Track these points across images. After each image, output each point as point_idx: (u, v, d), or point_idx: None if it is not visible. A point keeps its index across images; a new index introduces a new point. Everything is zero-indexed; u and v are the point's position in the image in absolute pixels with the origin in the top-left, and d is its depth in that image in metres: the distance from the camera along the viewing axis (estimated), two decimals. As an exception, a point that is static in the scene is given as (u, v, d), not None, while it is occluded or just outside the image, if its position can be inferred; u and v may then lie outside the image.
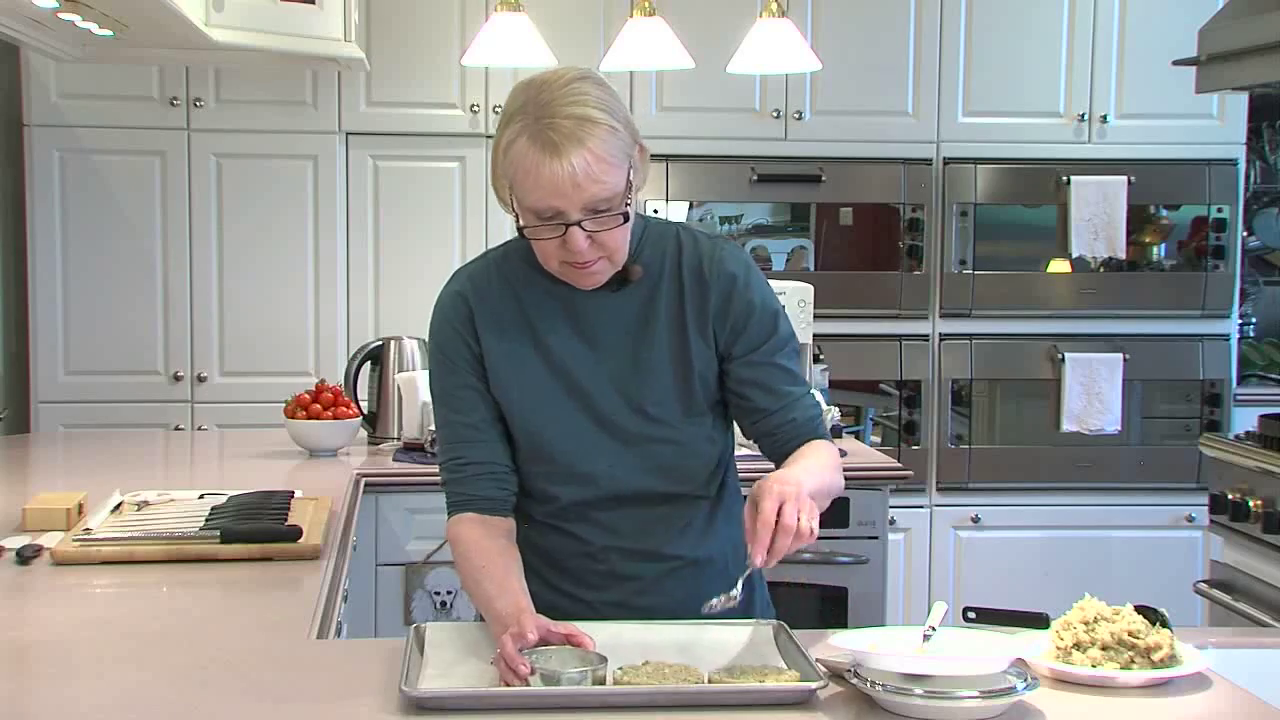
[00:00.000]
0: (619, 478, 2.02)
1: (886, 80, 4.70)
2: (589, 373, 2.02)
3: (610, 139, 1.86)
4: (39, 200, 4.50)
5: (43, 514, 2.60)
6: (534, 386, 2.02)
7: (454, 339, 2.04)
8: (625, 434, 2.02)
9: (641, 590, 2.03)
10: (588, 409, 2.02)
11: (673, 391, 2.02)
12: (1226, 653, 1.92)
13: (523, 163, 1.85)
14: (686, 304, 2.02)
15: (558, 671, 1.69)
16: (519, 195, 1.89)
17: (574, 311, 2.02)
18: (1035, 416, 4.82)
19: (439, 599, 3.42)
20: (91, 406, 4.53)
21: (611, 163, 1.87)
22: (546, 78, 1.91)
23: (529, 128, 1.85)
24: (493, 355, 2.03)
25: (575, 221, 1.87)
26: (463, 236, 4.69)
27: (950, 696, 1.61)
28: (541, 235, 1.90)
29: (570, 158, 1.83)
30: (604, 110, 1.87)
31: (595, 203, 1.87)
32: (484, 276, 2.07)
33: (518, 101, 1.90)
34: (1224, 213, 4.78)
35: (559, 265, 1.94)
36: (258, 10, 3.61)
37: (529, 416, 2.03)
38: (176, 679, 1.80)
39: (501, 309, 2.04)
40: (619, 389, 2.02)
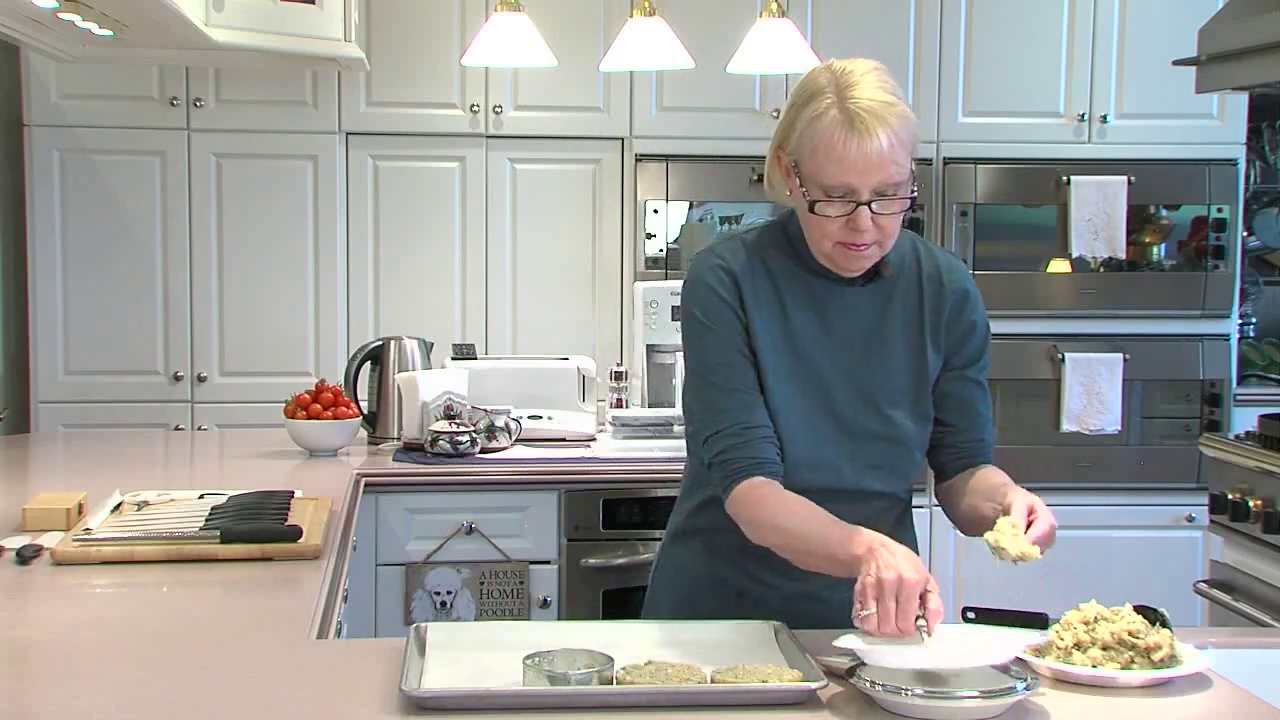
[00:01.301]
0: (841, 472, 2.06)
1: (890, 79, 4.70)
2: (827, 364, 2.06)
3: (907, 124, 1.94)
4: (39, 200, 4.50)
5: (43, 514, 2.60)
6: (778, 369, 2.05)
7: (723, 309, 2.06)
8: (854, 427, 2.06)
9: (831, 584, 2.01)
10: (822, 398, 2.06)
11: (905, 392, 2.09)
12: (1226, 653, 1.92)
13: (828, 138, 1.91)
14: (925, 310, 2.10)
15: (564, 671, 1.69)
16: (814, 170, 1.94)
17: (820, 301, 2.07)
18: (1035, 416, 4.81)
19: (439, 599, 3.42)
20: (91, 406, 4.53)
21: (906, 147, 1.94)
22: (846, 64, 1.98)
23: (836, 104, 1.92)
24: (754, 330, 2.06)
25: (865, 201, 1.93)
26: (463, 236, 4.69)
27: (950, 696, 1.62)
28: (830, 213, 1.95)
29: (877, 137, 1.90)
30: (899, 97, 1.95)
31: (887, 185, 1.93)
32: (744, 254, 2.10)
33: (819, 81, 1.96)
34: (1224, 213, 4.78)
35: (832, 246, 1.99)
36: (258, 10, 3.61)
37: (773, 396, 2.05)
38: (176, 679, 1.80)
39: (761, 288, 2.07)
40: (854, 382, 2.07)
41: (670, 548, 2.24)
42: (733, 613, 2.02)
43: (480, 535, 3.45)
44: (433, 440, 3.53)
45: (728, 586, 2.11)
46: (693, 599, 2.14)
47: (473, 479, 3.46)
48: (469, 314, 4.71)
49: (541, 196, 4.72)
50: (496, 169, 4.69)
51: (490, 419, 3.60)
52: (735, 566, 2.09)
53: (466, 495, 3.46)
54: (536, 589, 3.46)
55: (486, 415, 3.61)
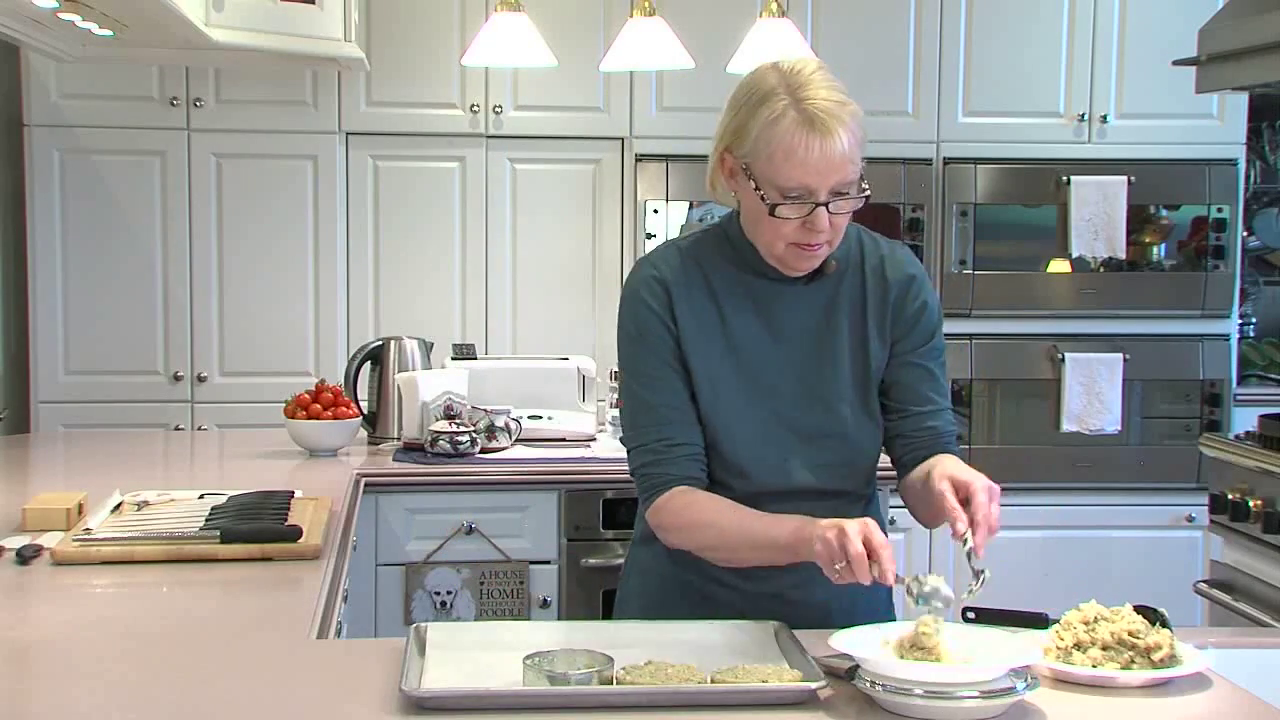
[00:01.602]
0: (791, 472, 2.05)
1: (886, 80, 4.70)
2: (772, 364, 2.05)
3: (860, 122, 1.95)
4: (39, 200, 4.50)
5: (43, 514, 2.60)
6: (717, 374, 2.05)
7: (653, 320, 2.06)
8: (802, 426, 2.05)
9: (797, 584, 2.03)
10: (767, 401, 2.05)
11: (852, 388, 2.07)
12: (1226, 653, 1.92)
13: (788, 140, 1.91)
14: (869, 302, 2.08)
15: (564, 672, 1.69)
16: (770, 173, 1.93)
17: (762, 302, 2.06)
18: (1035, 416, 4.81)
19: (439, 599, 3.42)
20: (91, 406, 4.53)
21: (860, 146, 1.95)
22: (792, 64, 1.98)
23: (793, 106, 1.91)
24: (686, 341, 2.05)
25: (823, 202, 1.93)
26: (463, 236, 4.69)
27: (950, 696, 1.61)
28: (788, 215, 1.94)
29: (839, 136, 1.90)
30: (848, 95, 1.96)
31: (844, 184, 1.94)
32: (676, 262, 2.09)
33: (769, 82, 1.95)
34: (1224, 213, 4.78)
35: (785, 248, 1.98)
36: (258, 10, 3.61)
37: (710, 403, 2.05)
38: (176, 679, 1.80)
39: (694, 295, 2.06)
40: (801, 381, 2.06)
41: (636, 550, 2.23)
42: (699, 614, 2.02)
43: (480, 535, 3.45)
44: (433, 440, 3.53)
45: (692, 589, 2.10)
46: (660, 601, 2.13)
47: (473, 479, 3.46)
48: (469, 314, 4.71)
49: (541, 196, 4.72)
50: (496, 169, 4.69)
51: (490, 419, 3.60)
52: (697, 569, 2.08)
53: (466, 495, 3.46)
54: (536, 589, 3.46)
55: (486, 415, 3.61)
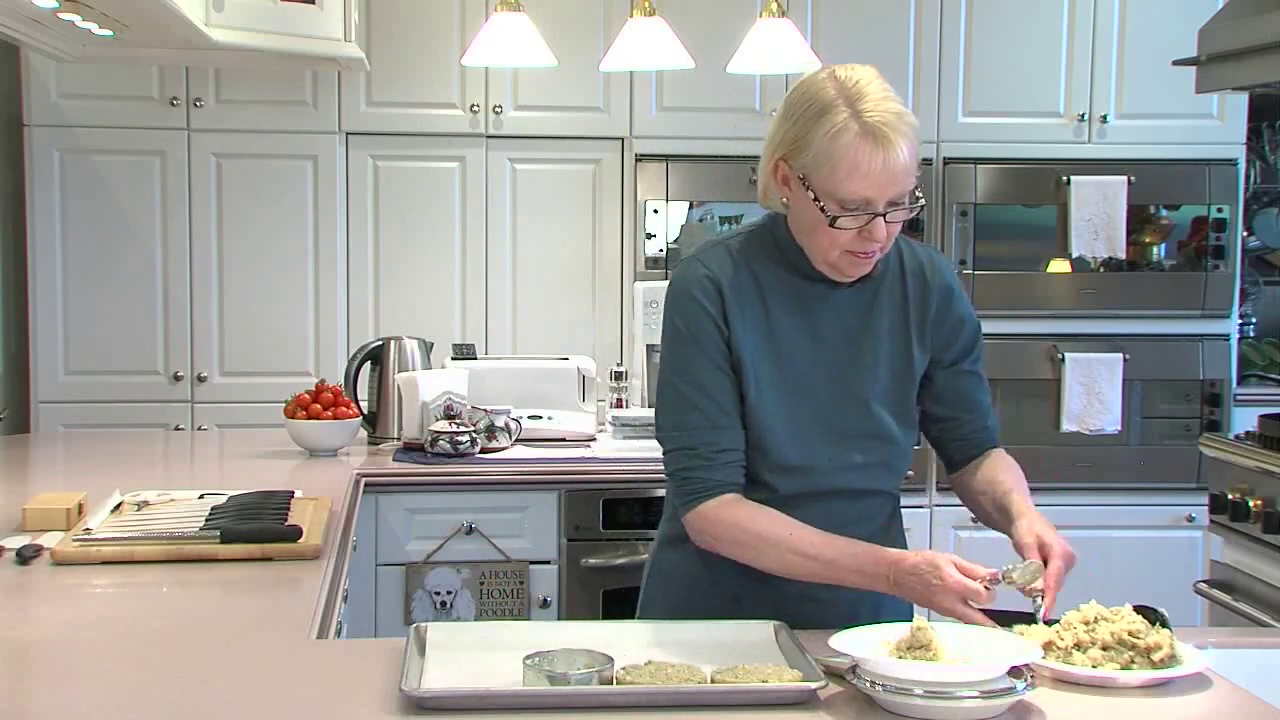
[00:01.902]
0: (829, 472, 2.07)
1: (886, 80, 4.69)
2: (813, 365, 2.07)
3: (915, 132, 1.95)
4: (39, 200, 4.50)
5: (43, 514, 2.60)
6: (763, 375, 2.06)
7: (705, 321, 2.06)
8: (840, 428, 2.07)
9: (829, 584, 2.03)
10: (808, 401, 2.06)
11: (891, 389, 2.09)
12: (1226, 653, 1.92)
13: (852, 154, 1.91)
14: (910, 307, 2.10)
15: (564, 672, 1.69)
16: (831, 186, 1.94)
17: (806, 304, 2.07)
18: (1035, 416, 4.81)
19: (439, 599, 3.42)
20: (91, 406, 4.53)
21: (916, 155, 1.95)
22: (849, 72, 1.99)
23: (854, 118, 1.92)
24: (737, 342, 2.05)
25: (881, 212, 1.94)
26: (463, 236, 4.69)
27: (950, 696, 1.61)
28: (847, 225, 1.95)
29: (900, 148, 1.91)
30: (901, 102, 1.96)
31: (900, 195, 1.95)
32: (730, 262, 2.10)
33: (829, 93, 1.96)
34: (1224, 213, 4.78)
35: (840, 255, 2.00)
36: (258, 10, 3.61)
37: (757, 404, 2.06)
38: (176, 679, 1.80)
39: (744, 295, 2.07)
40: (840, 382, 2.07)
41: (662, 551, 2.23)
42: (729, 614, 2.02)
43: (480, 535, 3.45)
44: (433, 440, 3.53)
45: (723, 589, 2.10)
46: (688, 602, 2.13)
47: (473, 479, 3.46)
48: (469, 314, 4.71)
49: (541, 196, 4.72)
50: (496, 169, 4.69)
51: (490, 419, 3.60)
52: (731, 568, 2.08)
53: (466, 495, 3.46)
54: (536, 589, 3.46)
55: (486, 415, 3.61)
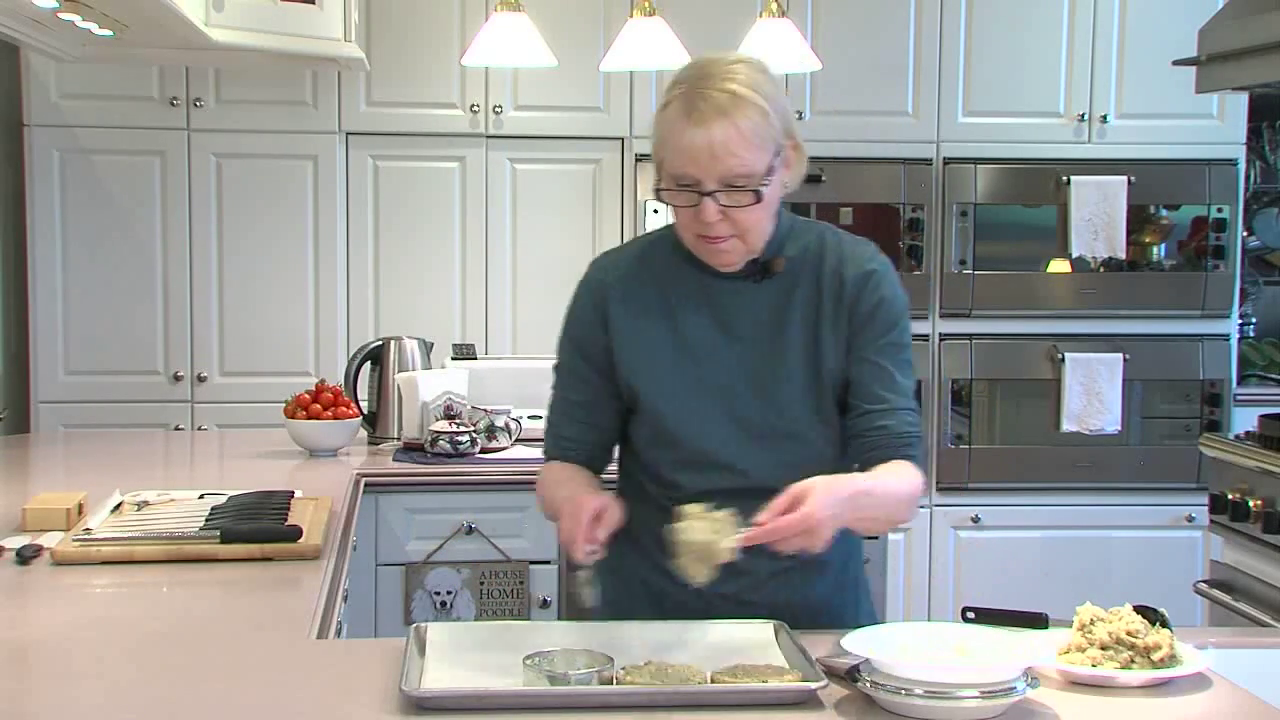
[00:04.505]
0: (744, 470, 2.05)
1: (886, 80, 4.71)
2: (723, 363, 2.05)
3: (758, 119, 1.92)
4: (39, 200, 4.50)
5: (43, 514, 2.60)
6: (667, 374, 2.06)
7: (582, 324, 2.13)
8: (754, 427, 2.05)
9: (755, 585, 2.02)
10: (719, 399, 2.05)
11: (804, 386, 2.05)
12: (1226, 653, 1.92)
13: (669, 128, 1.94)
14: (824, 302, 2.06)
15: (564, 672, 1.69)
16: (662, 158, 1.98)
17: (714, 301, 2.06)
18: (1035, 416, 4.81)
19: (439, 599, 3.42)
20: (91, 406, 4.53)
21: (754, 142, 1.92)
22: (715, 56, 2.00)
23: (683, 95, 1.94)
24: (626, 343, 2.07)
25: (709, 191, 1.93)
26: (463, 236, 4.69)
27: (950, 696, 1.61)
28: (677, 201, 1.98)
29: (713, 127, 1.90)
30: (758, 93, 1.94)
31: (731, 177, 1.93)
32: (627, 264, 2.13)
33: (682, 73, 1.99)
34: (1224, 213, 4.78)
35: (693, 238, 2.01)
36: (258, 10, 3.61)
37: (659, 402, 2.06)
38: (176, 679, 1.80)
39: (642, 296, 2.09)
40: (752, 381, 2.05)
41: None
42: (658, 615, 2.01)
43: (480, 535, 3.45)
44: (433, 440, 3.53)
45: (649, 588, 2.10)
46: (620, 600, 2.13)
47: (473, 479, 3.46)
48: (469, 314, 4.71)
49: (541, 196, 4.72)
50: (496, 169, 4.69)
51: (490, 419, 3.60)
52: (655, 568, 2.05)
53: (466, 495, 3.46)
54: (536, 589, 3.46)
55: (486, 415, 3.61)
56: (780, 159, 1.97)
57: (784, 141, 1.97)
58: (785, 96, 2.02)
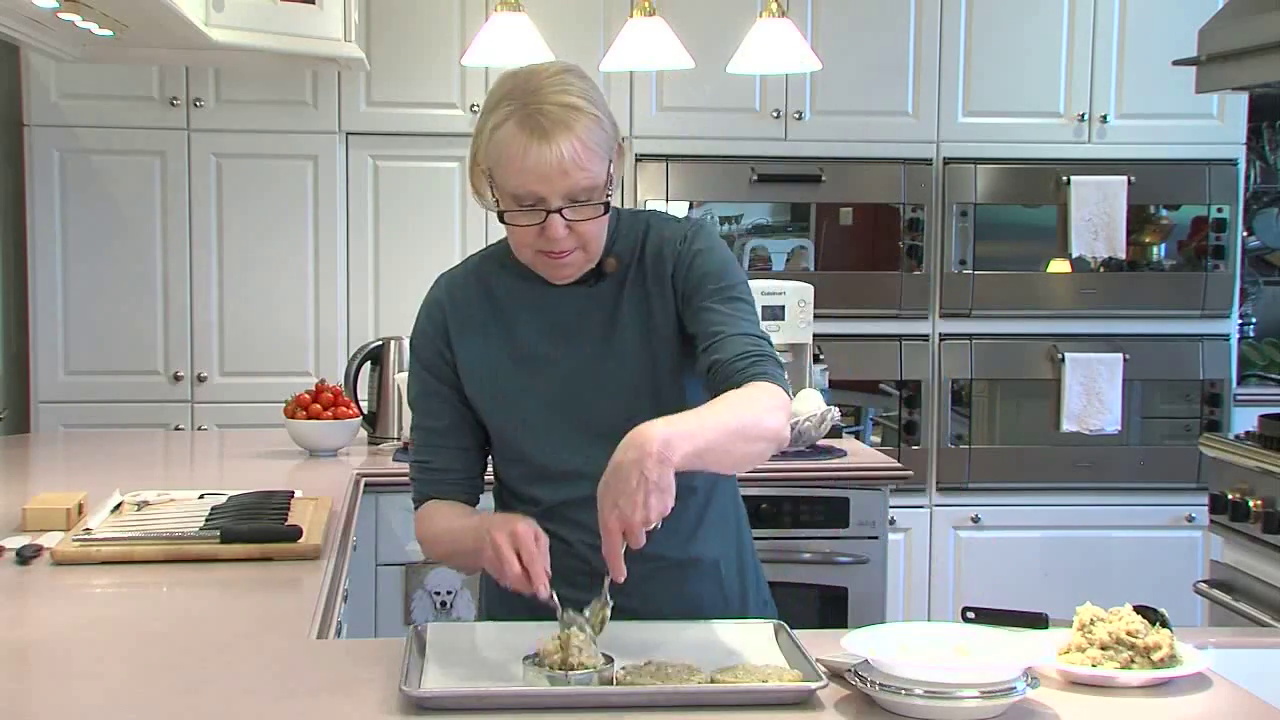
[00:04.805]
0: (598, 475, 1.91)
1: (886, 80, 4.71)
2: (564, 368, 2.02)
3: (595, 129, 1.88)
4: (39, 200, 4.50)
5: (43, 514, 2.60)
6: (508, 387, 2.03)
7: (427, 346, 2.08)
8: (601, 427, 1.95)
9: (627, 591, 1.87)
10: (565, 407, 2.01)
11: (648, 378, 2.01)
12: (1226, 653, 1.91)
13: (509, 147, 1.87)
14: (649, 286, 2.01)
15: (564, 672, 1.69)
16: (501, 180, 1.90)
17: (550, 309, 2.03)
18: (1035, 416, 4.82)
19: (439, 599, 3.42)
20: (91, 406, 4.53)
21: (596, 152, 1.88)
22: (533, 68, 1.94)
23: (517, 113, 1.86)
24: (466, 360, 2.04)
25: (556, 209, 1.88)
26: (463, 236, 4.69)
27: (950, 696, 1.61)
28: (520, 222, 1.91)
29: (559, 143, 1.85)
30: (589, 101, 1.89)
31: (577, 191, 1.88)
32: (462, 280, 2.09)
33: (504, 88, 1.91)
34: (1224, 213, 4.78)
35: (533, 255, 1.95)
36: (258, 10, 3.61)
37: (503, 418, 2.04)
38: (176, 679, 1.80)
39: (476, 312, 2.05)
40: (594, 381, 2.01)
41: None
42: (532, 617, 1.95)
43: (480, 535, 3.44)
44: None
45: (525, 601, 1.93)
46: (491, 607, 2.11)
47: (473, 479, 3.46)
48: (469, 314, 4.71)
49: (541, 196, 4.71)
50: (496, 169, 4.68)
51: (490, 419, 3.60)
52: None
53: (466, 495, 3.45)
54: (536, 589, 3.46)
55: (486, 415, 3.61)
56: (612, 164, 1.93)
57: (613, 145, 1.93)
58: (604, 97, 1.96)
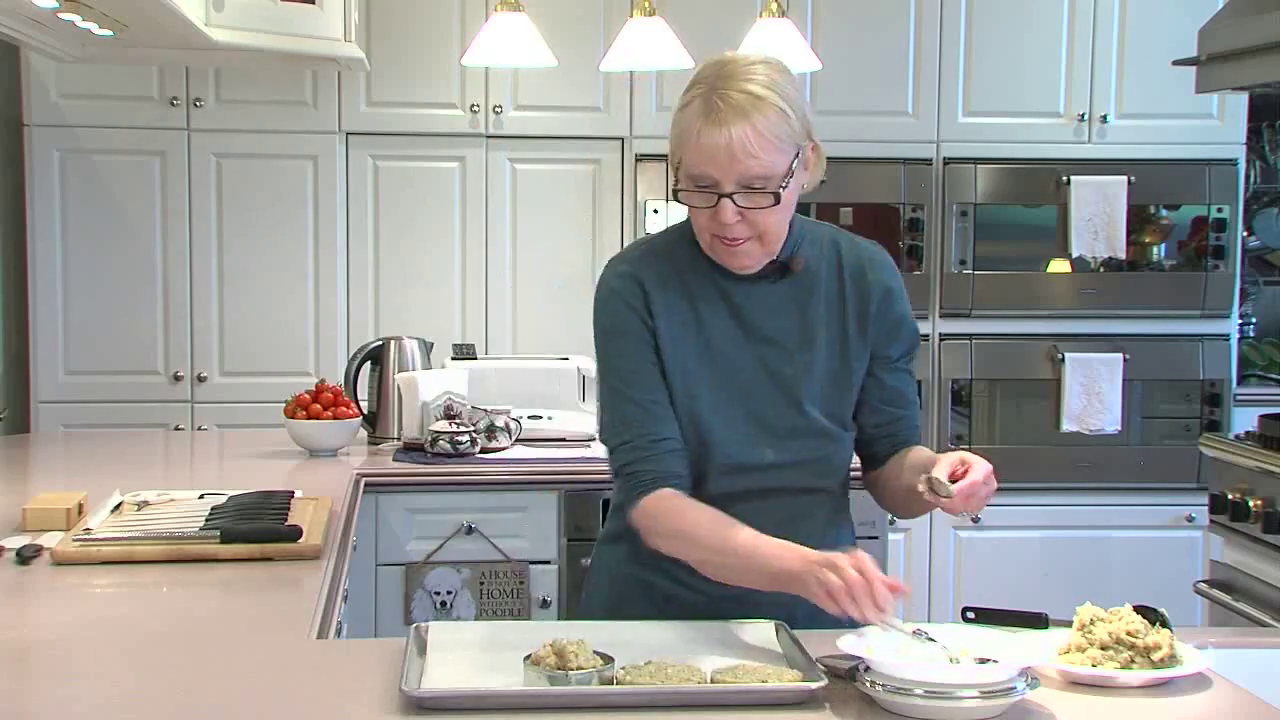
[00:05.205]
0: (764, 471, 2.04)
1: (886, 80, 4.71)
2: (746, 363, 2.05)
3: (778, 120, 1.92)
4: (39, 200, 4.50)
5: (43, 514, 2.60)
6: (694, 372, 2.05)
7: (631, 318, 2.05)
8: (776, 427, 2.04)
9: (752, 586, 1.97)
10: (741, 399, 2.05)
11: (827, 387, 2.06)
12: (1226, 653, 1.91)
13: (688, 127, 1.93)
14: (849, 304, 2.08)
15: (565, 672, 1.69)
16: (681, 159, 1.96)
17: (734, 301, 2.06)
18: (1035, 416, 4.82)
19: (439, 599, 3.42)
20: (91, 406, 4.53)
21: (774, 143, 1.92)
22: (735, 56, 1.99)
23: (702, 95, 1.93)
24: (662, 338, 2.05)
25: (728, 194, 1.92)
26: (463, 236, 4.69)
27: (950, 696, 1.61)
28: (695, 202, 1.96)
29: (731, 128, 1.90)
30: (778, 94, 1.93)
31: (750, 178, 1.92)
32: (649, 261, 2.09)
33: (702, 73, 1.97)
34: (1224, 213, 4.78)
35: (710, 240, 2.00)
36: (258, 10, 3.61)
37: (688, 402, 2.04)
38: (176, 679, 1.80)
39: (668, 293, 2.06)
40: (774, 381, 2.05)
41: (601, 549, 2.23)
42: (661, 616, 2.01)
43: (480, 535, 3.45)
44: (433, 440, 3.52)
45: (655, 590, 2.09)
46: (621, 602, 2.12)
47: (473, 479, 3.46)
48: (469, 314, 4.71)
49: (541, 196, 4.72)
50: (496, 169, 4.69)
51: (490, 419, 3.60)
52: (661, 570, 2.06)
53: (466, 495, 3.46)
54: (536, 589, 3.46)
55: (486, 415, 3.61)
56: (800, 160, 1.97)
57: (804, 143, 1.97)
58: (805, 98, 2.01)
